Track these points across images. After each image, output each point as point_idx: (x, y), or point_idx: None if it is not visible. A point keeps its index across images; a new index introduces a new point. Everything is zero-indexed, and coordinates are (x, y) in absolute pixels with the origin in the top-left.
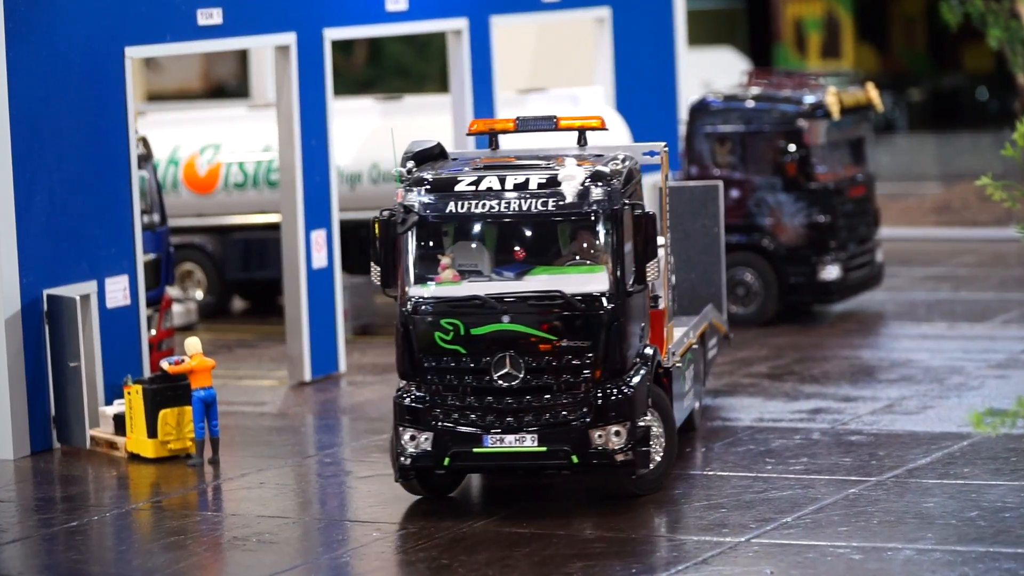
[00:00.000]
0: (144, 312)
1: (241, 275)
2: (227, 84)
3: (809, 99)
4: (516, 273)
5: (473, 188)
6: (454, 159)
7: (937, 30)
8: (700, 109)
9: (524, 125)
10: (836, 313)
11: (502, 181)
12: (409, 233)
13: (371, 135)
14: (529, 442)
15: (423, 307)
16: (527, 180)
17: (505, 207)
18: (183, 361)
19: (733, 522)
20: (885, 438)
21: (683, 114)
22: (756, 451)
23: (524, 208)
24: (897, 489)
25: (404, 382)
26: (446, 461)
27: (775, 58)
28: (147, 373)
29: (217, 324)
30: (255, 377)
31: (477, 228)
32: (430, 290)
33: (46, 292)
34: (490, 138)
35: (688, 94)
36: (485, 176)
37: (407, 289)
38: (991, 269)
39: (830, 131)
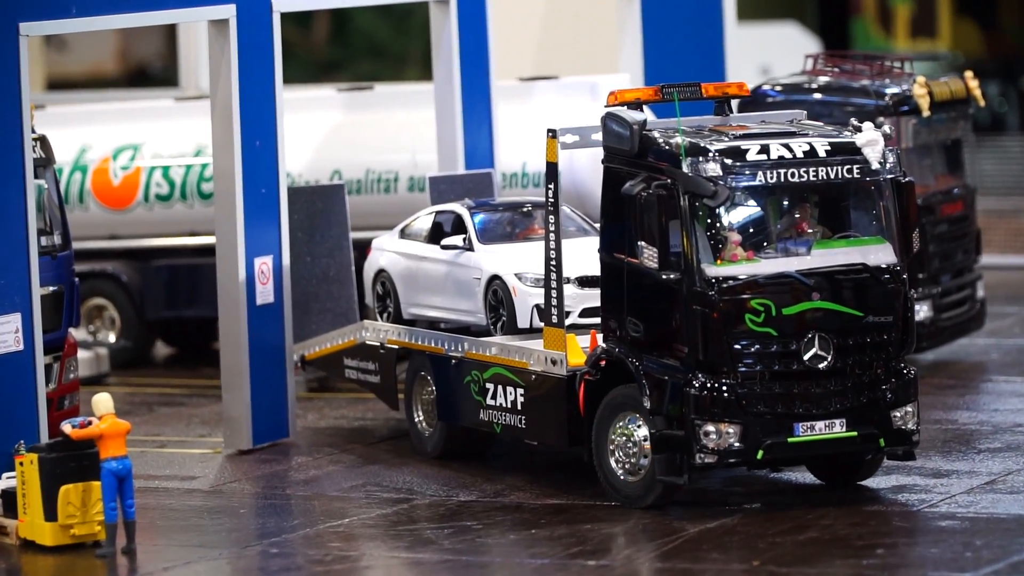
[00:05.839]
0: (41, 360)
1: (165, 313)
2: (150, 67)
3: (892, 91)
4: (807, 247)
5: (766, 157)
6: (656, 129)
7: None
8: (754, 102)
9: (668, 94)
10: (926, 363)
11: (789, 148)
12: (700, 208)
13: (332, 134)
14: (838, 427)
15: (730, 288)
16: (812, 147)
17: (813, 175)
18: (90, 423)
19: None
20: (984, 523)
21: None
22: (821, 539)
23: (832, 176)
24: None
25: (671, 373)
26: (759, 454)
27: (853, 37)
28: (45, 438)
29: (135, 375)
30: (183, 444)
31: (777, 199)
32: (734, 269)
33: None
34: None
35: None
36: (769, 144)
37: (704, 269)
38: None
39: (919, 132)
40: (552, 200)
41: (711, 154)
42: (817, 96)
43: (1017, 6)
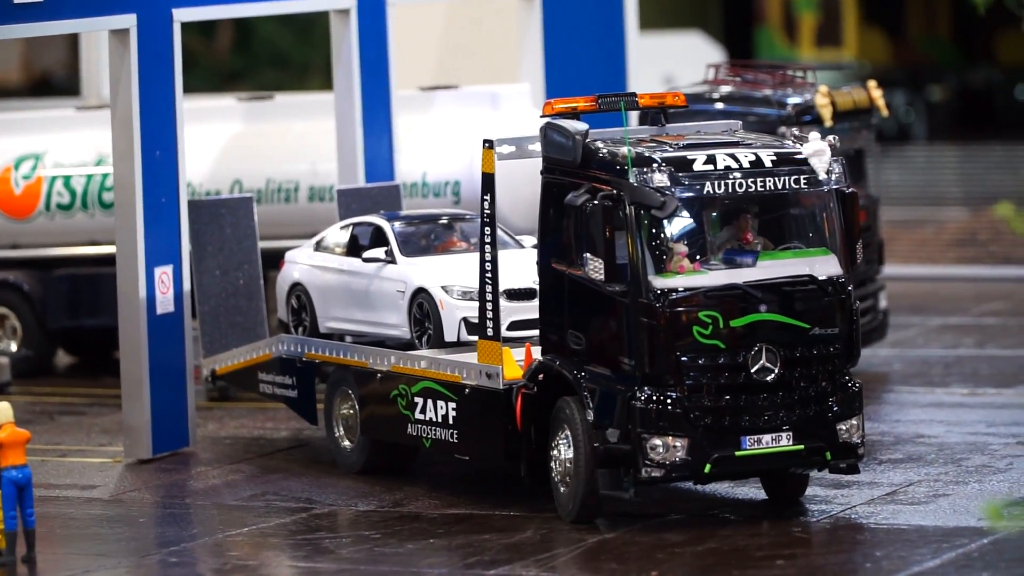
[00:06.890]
0: None
1: (67, 322)
2: (54, 76)
3: (794, 100)
4: (752, 258)
5: (712, 167)
6: (598, 139)
7: (965, 12)
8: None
9: (606, 104)
10: None
11: (735, 159)
12: (646, 219)
13: (233, 143)
14: (785, 441)
15: (677, 300)
16: (758, 157)
17: (760, 186)
18: None
19: None
20: (884, 534)
21: (634, 117)
22: (720, 549)
23: (780, 186)
24: None
25: (620, 385)
26: (707, 468)
27: (757, 46)
28: None
29: (36, 384)
30: (83, 453)
31: (724, 210)
32: (682, 281)
33: None
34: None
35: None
36: (715, 154)
37: (651, 281)
38: None
39: None
40: (488, 212)
41: (658, 164)
42: (719, 106)
43: (924, 15)
